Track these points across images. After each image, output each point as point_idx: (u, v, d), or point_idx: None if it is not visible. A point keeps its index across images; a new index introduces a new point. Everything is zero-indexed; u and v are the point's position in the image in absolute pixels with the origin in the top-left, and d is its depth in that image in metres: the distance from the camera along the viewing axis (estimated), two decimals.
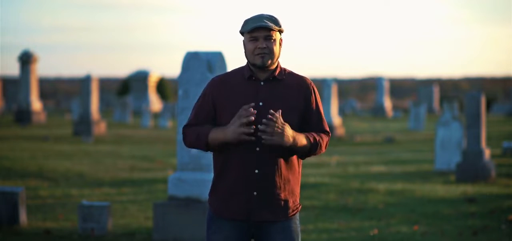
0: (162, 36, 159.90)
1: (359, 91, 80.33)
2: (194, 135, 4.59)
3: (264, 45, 4.54)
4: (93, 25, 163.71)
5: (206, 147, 4.55)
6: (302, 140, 4.52)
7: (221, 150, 4.57)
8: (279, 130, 4.42)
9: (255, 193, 4.55)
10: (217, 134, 4.52)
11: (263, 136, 4.42)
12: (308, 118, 4.64)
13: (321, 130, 4.67)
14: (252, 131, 4.45)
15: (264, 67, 4.56)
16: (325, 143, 4.65)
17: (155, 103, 47.17)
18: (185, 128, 4.66)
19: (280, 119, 4.43)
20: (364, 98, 71.60)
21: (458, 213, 11.39)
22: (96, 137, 25.31)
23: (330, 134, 4.73)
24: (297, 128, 4.59)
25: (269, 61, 4.56)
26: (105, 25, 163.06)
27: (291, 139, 4.46)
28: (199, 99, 4.68)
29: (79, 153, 19.72)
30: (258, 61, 4.55)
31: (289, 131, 4.44)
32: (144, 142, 24.32)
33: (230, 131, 4.47)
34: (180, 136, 9.30)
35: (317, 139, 4.58)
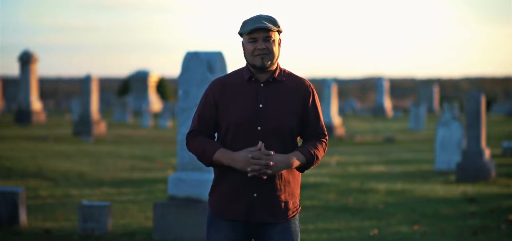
0: (162, 36, 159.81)
1: (359, 91, 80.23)
2: (199, 149, 4.58)
3: (263, 46, 4.54)
4: (93, 25, 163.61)
5: (209, 164, 4.57)
6: (295, 160, 4.53)
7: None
8: (263, 170, 4.45)
9: (255, 194, 4.55)
10: (223, 158, 4.52)
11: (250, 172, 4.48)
12: (306, 120, 4.64)
13: (318, 132, 4.68)
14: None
15: (263, 68, 4.56)
16: (321, 152, 4.67)
17: (155, 103, 47.17)
18: (190, 135, 4.66)
19: (264, 159, 4.44)
20: (364, 98, 71.57)
21: (458, 213, 11.39)
22: (96, 137, 25.31)
23: (327, 137, 4.74)
24: (295, 130, 4.60)
25: (269, 62, 4.56)
26: (105, 25, 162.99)
27: (280, 167, 4.48)
28: (200, 102, 4.68)
29: (79, 153, 19.72)
30: (257, 62, 4.55)
31: (275, 165, 4.46)
32: (144, 142, 24.32)
33: (241, 160, 4.47)
34: (180, 136, 9.30)
35: (312, 153, 4.60)
